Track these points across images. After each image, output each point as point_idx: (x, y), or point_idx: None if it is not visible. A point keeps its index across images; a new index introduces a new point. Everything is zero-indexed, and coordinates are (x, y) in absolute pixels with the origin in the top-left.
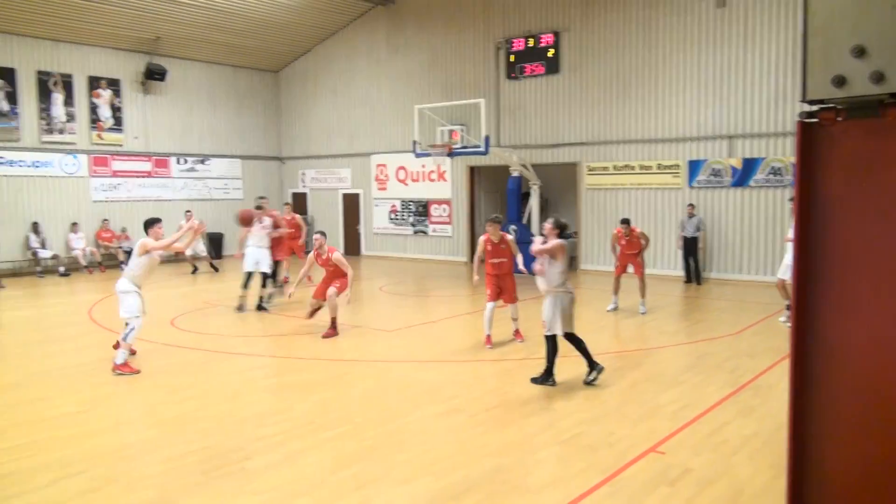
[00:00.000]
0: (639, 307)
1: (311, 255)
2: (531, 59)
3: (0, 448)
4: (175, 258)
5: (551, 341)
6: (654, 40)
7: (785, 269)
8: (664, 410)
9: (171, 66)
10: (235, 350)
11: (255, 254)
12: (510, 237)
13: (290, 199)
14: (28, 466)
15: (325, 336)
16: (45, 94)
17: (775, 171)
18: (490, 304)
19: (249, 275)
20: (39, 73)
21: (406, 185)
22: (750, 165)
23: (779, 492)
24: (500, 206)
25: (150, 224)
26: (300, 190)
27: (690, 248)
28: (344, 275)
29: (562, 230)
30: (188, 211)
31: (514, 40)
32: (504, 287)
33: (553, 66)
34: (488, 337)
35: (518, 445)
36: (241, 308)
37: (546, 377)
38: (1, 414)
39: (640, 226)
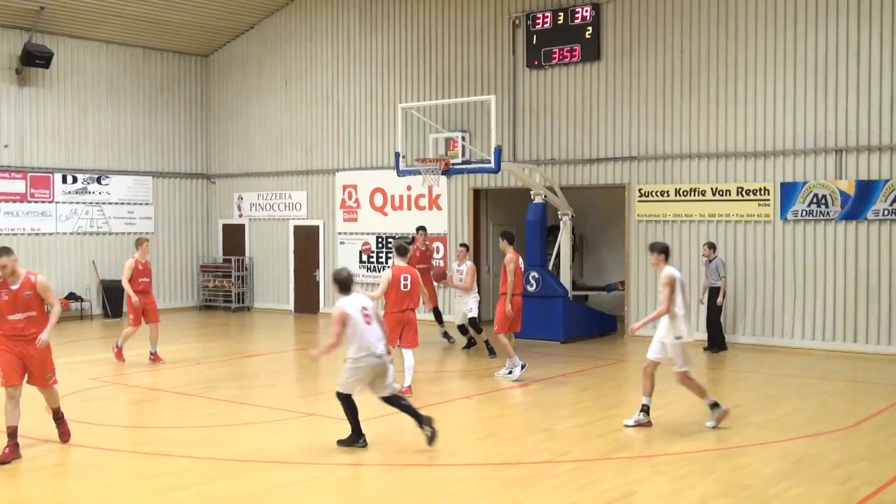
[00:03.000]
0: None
1: None
2: (561, 40)
3: None
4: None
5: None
6: (732, 16)
7: (659, 350)
8: None
9: (59, 47)
10: (139, 448)
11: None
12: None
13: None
14: None
15: (64, 438)
16: None
17: None
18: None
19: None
20: None
21: (385, 214)
22: (867, 190)
23: None
24: (518, 244)
25: None
26: (235, 220)
27: (711, 302)
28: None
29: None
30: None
31: (539, 15)
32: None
33: (592, 51)
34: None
35: None
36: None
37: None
38: None
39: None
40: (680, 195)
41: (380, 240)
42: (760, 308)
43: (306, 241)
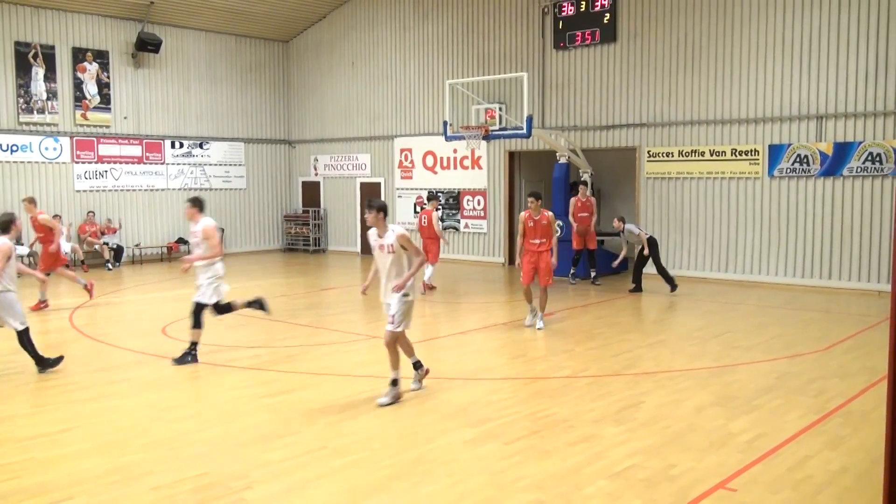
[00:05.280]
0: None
1: None
2: (583, 25)
3: None
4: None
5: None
6: (729, 2)
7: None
8: (736, 440)
9: (167, 35)
10: (235, 363)
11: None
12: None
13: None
14: (1, 493)
15: None
16: (23, 68)
17: (874, 158)
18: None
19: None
20: (17, 44)
21: (435, 172)
22: (843, 151)
23: None
24: (544, 198)
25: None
26: (312, 178)
27: (647, 257)
28: None
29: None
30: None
31: (564, 4)
32: (540, 267)
33: (609, 34)
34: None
35: (561, 479)
36: None
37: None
38: None
39: (709, 221)
40: (683, 156)
41: (430, 194)
42: (750, 250)
43: (370, 195)
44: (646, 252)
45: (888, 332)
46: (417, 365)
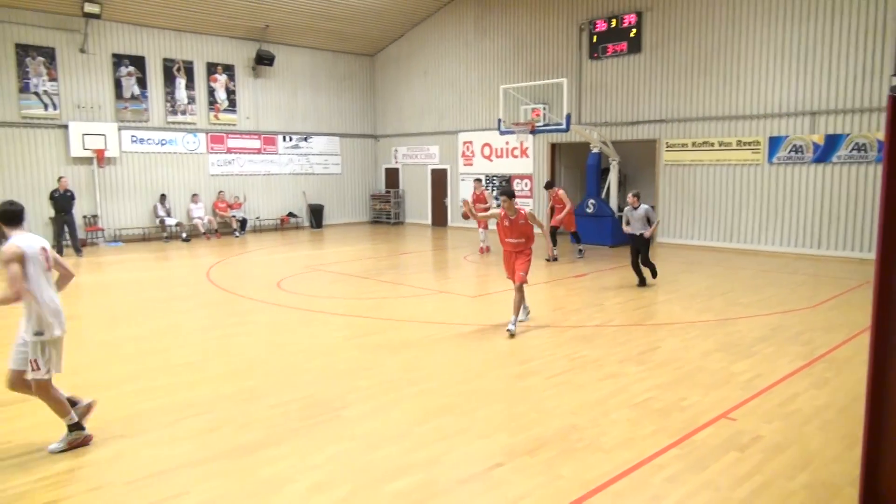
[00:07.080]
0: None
1: None
2: (613, 39)
3: (132, 390)
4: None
5: None
6: (737, 17)
7: (20, 354)
8: (736, 379)
9: (279, 52)
10: (333, 311)
11: None
12: (527, 211)
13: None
14: (155, 407)
15: None
16: (169, 79)
17: (860, 147)
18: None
19: None
20: (165, 60)
21: (491, 160)
22: (833, 141)
23: (850, 461)
24: (579, 182)
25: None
26: (393, 165)
27: (640, 245)
28: None
29: None
30: (477, 180)
31: (597, 21)
32: (515, 266)
33: (635, 46)
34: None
35: (591, 407)
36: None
37: None
38: (133, 361)
39: (717, 200)
40: (695, 146)
41: (487, 178)
42: (751, 224)
43: (439, 179)
44: (647, 235)
45: (870, 292)
46: (73, 427)
